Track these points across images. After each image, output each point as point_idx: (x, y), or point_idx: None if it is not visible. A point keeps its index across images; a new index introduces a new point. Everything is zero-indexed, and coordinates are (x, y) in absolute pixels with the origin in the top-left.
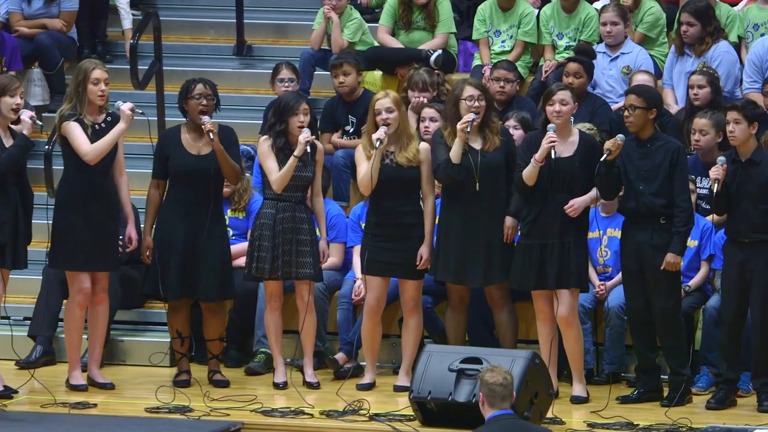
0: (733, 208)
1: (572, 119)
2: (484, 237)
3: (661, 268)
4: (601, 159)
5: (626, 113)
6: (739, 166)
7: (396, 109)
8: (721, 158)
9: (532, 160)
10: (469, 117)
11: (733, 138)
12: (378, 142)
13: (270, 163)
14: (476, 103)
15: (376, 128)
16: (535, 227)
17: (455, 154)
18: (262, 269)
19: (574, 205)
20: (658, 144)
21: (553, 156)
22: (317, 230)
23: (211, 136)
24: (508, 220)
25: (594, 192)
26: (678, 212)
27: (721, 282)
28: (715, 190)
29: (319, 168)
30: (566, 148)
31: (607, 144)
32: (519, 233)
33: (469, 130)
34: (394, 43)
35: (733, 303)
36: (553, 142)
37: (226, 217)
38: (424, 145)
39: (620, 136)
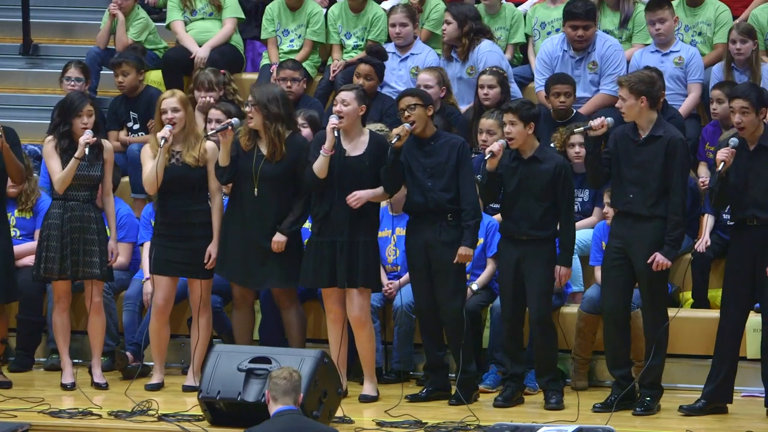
0: (511, 205)
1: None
2: (257, 243)
3: (454, 261)
4: (392, 143)
5: (406, 113)
6: (521, 163)
7: (182, 108)
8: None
9: (321, 150)
10: (223, 123)
11: (512, 140)
12: (162, 140)
13: (53, 164)
14: (248, 108)
15: (161, 126)
16: (326, 225)
17: (220, 157)
18: (51, 269)
19: (356, 195)
20: (441, 141)
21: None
22: (107, 229)
23: None
24: (277, 235)
25: (380, 189)
26: (465, 206)
27: (497, 279)
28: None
29: (108, 167)
30: (356, 147)
31: (396, 129)
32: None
33: (211, 132)
34: (189, 39)
35: (510, 301)
36: (335, 125)
37: (12, 217)
38: (210, 144)
39: (407, 125)
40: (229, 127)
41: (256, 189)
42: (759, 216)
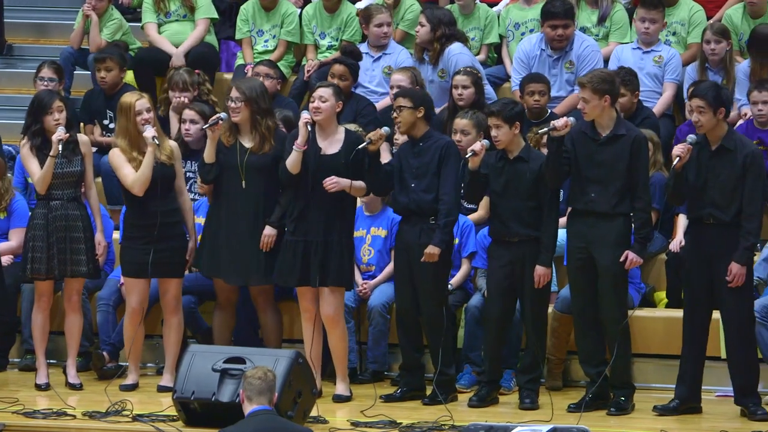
0: (498, 206)
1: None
2: (246, 237)
3: (421, 260)
4: (360, 146)
5: (394, 114)
6: (507, 163)
7: (152, 108)
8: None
9: (294, 146)
10: (214, 118)
11: (498, 142)
12: (154, 140)
13: (32, 166)
14: (233, 104)
15: (136, 128)
16: (300, 224)
17: (206, 153)
18: (38, 270)
19: (334, 179)
20: (430, 142)
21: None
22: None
23: None
24: (267, 229)
25: (360, 183)
26: (440, 205)
27: (486, 283)
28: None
29: (87, 160)
30: (332, 146)
31: (371, 134)
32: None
33: (204, 127)
34: (163, 41)
35: (499, 303)
36: (307, 120)
37: None
38: (173, 143)
39: (385, 129)
40: (219, 122)
41: (243, 181)
42: (716, 215)
